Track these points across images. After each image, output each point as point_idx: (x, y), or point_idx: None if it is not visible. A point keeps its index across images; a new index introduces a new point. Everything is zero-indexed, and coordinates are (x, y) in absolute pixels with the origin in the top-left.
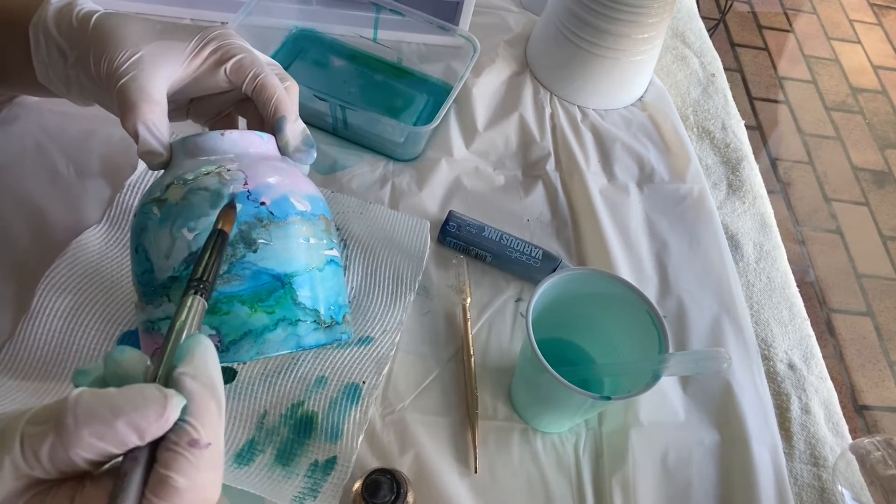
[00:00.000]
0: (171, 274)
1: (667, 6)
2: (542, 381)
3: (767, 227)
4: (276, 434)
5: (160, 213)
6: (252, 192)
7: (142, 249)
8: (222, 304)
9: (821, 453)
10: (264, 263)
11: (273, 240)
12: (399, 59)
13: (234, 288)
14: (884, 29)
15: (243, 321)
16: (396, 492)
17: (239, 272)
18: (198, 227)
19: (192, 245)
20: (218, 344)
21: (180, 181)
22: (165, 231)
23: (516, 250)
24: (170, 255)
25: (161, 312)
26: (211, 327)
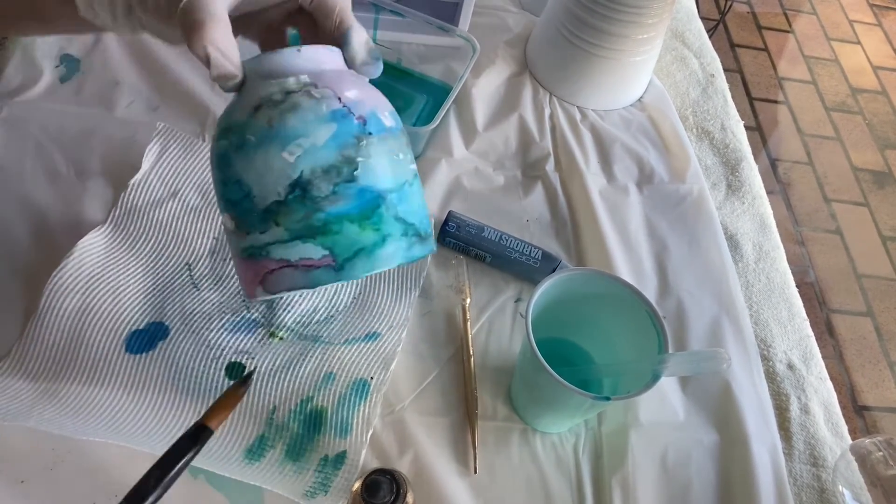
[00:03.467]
0: (275, 199)
1: (666, 7)
2: (541, 382)
3: (767, 228)
4: (285, 430)
5: (255, 138)
6: (349, 107)
7: (233, 178)
8: (332, 224)
9: (820, 454)
10: (366, 181)
11: (371, 156)
12: (399, 60)
13: (342, 207)
14: (883, 29)
15: (354, 239)
16: (396, 492)
17: (343, 192)
18: (298, 149)
19: (293, 169)
20: (332, 263)
21: (269, 103)
22: (262, 154)
23: (516, 251)
24: (270, 178)
25: (269, 237)
26: (324, 248)
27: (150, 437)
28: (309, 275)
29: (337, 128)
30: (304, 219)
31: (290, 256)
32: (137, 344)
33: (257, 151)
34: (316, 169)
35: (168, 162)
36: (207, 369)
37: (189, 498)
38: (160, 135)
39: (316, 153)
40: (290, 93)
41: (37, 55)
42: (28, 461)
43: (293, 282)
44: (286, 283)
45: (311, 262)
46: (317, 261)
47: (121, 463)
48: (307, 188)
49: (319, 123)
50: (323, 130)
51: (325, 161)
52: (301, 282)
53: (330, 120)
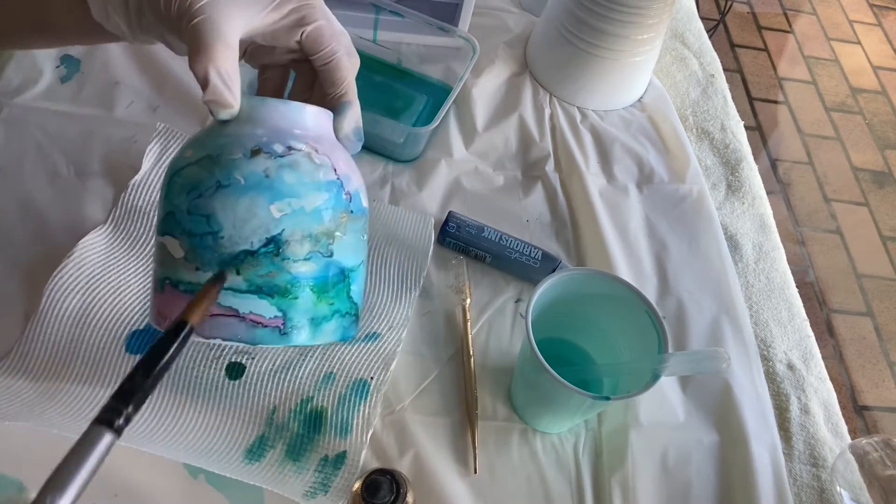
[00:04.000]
0: (245, 247)
1: (666, 7)
2: (541, 382)
3: (767, 228)
4: (286, 430)
5: (245, 182)
6: (342, 181)
7: (204, 211)
8: (295, 288)
9: (820, 454)
10: (337, 256)
11: (346, 234)
12: (399, 60)
13: (308, 275)
14: (883, 29)
15: (308, 308)
16: (396, 492)
17: (316, 260)
18: (287, 208)
19: (276, 225)
20: (281, 326)
21: (269, 152)
22: (247, 201)
23: (516, 251)
24: (248, 226)
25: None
26: (279, 309)
27: (149, 437)
28: (254, 331)
29: (327, 198)
30: (268, 276)
31: (239, 307)
32: (138, 344)
33: (243, 196)
34: (296, 232)
35: (169, 162)
36: (207, 369)
37: (189, 498)
38: (160, 135)
39: (302, 217)
40: (293, 149)
41: (37, 55)
42: (28, 461)
43: (234, 333)
44: (225, 331)
45: (261, 319)
46: (266, 320)
47: (121, 463)
48: (282, 247)
49: (314, 189)
50: (315, 197)
51: (307, 227)
52: (242, 335)
53: (324, 189)
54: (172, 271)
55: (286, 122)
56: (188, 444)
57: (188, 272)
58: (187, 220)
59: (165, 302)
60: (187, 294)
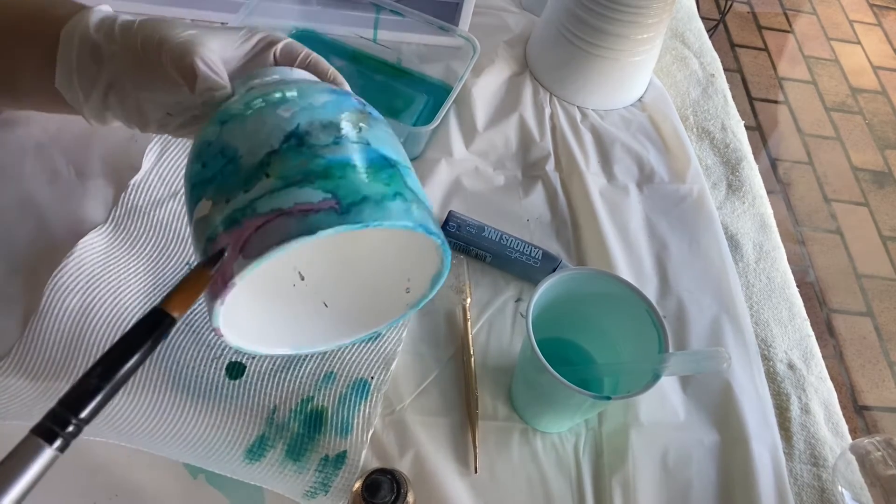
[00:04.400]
0: (267, 150)
1: (666, 7)
2: (542, 381)
3: (767, 228)
4: (286, 429)
5: (244, 108)
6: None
7: (215, 150)
8: (335, 168)
9: (820, 453)
10: (371, 142)
11: (372, 128)
12: (399, 60)
13: (345, 156)
14: (883, 29)
15: (359, 186)
16: (396, 492)
17: (346, 144)
18: (294, 106)
19: (289, 122)
20: (335, 206)
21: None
22: (253, 118)
23: (516, 250)
24: (261, 135)
25: (256, 192)
26: (324, 191)
27: (150, 437)
28: (307, 220)
29: (336, 98)
30: (300, 165)
31: (282, 204)
32: None
33: (247, 118)
34: (314, 122)
35: (168, 162)
36: (208, 369)
37: (189, 498)
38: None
39: (313, 110)
40: (286, 81)
41: None
42: None
43: (286, 231)
44: (277, 234)
45: (310, 206)
46: (316, 204)
47: (121, 463)
48: (304, 138)
49: (317, 93)
50: (321, 96)
51: (324, 117)
52: (296, 229)
53: (328, 92)
54: (208, 228)
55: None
56: (188, 444)
57: (219, 212)
58: (206, 169)
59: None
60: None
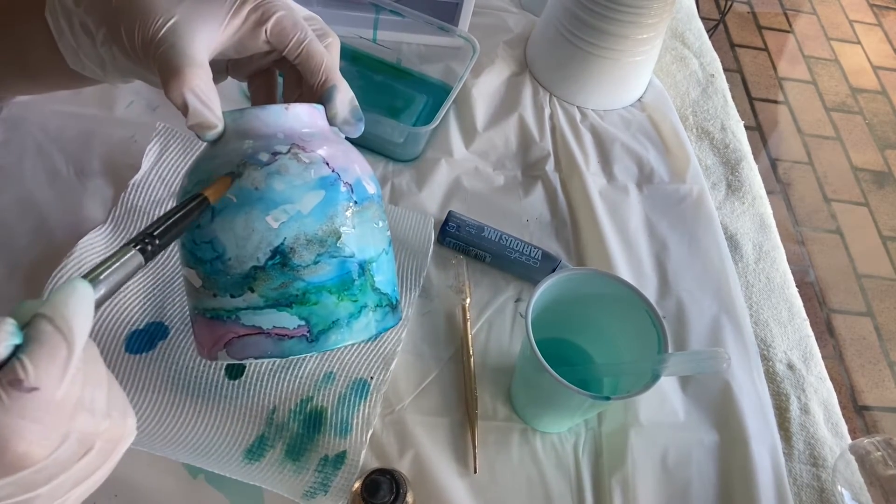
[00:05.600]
0: (253, 264)
1: (666, 7)
2: (541, 381)
3: (767, 228)
4: (285, 429)
5: (237, 199)
6: (338, 174)
7: (206, 237)
8: (311, 294)
9: (820, 453)
10: (349, 251)
11: (354, 226)
12: (399, 60)
13: (322, 278)
14: (883, 29)
15: (331, 311)
16: (396, 492)
17: (327, 261)
18: (283, 215)
19: (276, 236)
20: (307, 334)
21: (254, 162)
22: (243, 217)
23: (516, 250)
24: (250, 243)
25: (241, 302)
26: (300, 318)
27: (150, 437)
28: (281, 344)
29: (324, 196)
30: (281, 287)
31: (262, 324)
32: (137, 344)
33: (238, 213)
34: (300, 237)
35: (168, 162)
36: (207, 369)
37: (189, 498)
38: (160, 135)
39: (301, 220)
40: (277, 154)
41: None
42: None
43: (263, 350)
44: (255, 350)
45: (285, 331)
46: (291, 331)
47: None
48: (289, 256)
49: (307, 190)
50: (310, 198)
51: (309, 230)
52: (271, 351)
53: (318, 187)
54: (198, 301)
55: (269, 128)
56: (188, 444)
57: (208, 299)
58: (196, 249)
59: (200, 331)
60: (215, 321)
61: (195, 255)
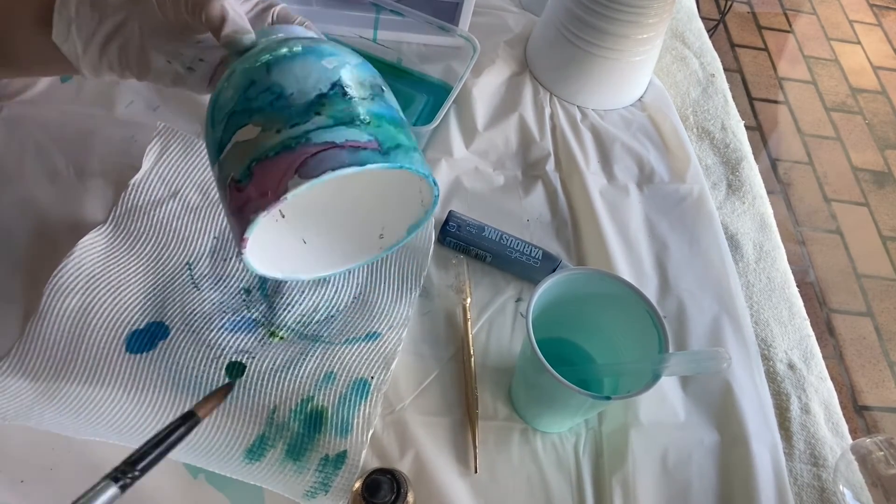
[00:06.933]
0: (317, 93)
1: (666, 7)
2: (542, 381)
3: (767, 228)
4: (286, 429)
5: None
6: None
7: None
8: (374, 118)
9: (821, 453)
10: (392, 102)
11: (389, 95)
12: (399, 60)
13: (380, 109)
14: (883, 29)
15: (392, 135)
16: (396, 492)
17: (379, 101)
18: (335, 61)
19: (333, 73)
20: (378, 148)
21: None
22: (299, 63)
23: (516, 250)
24: (310, 79)
25: (310, 125)
26: (369, 134)
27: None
28: (357, 154)
29: (362, 60)
30: (347, 110)
31: (335, 139)
32: (137, 344)
33: (294, 61)
34: (353, 78)
35: (168, 161)
36: (207, 369)
37: (189, 498)
38: (160, 134)
39: (351, 68)
40: (314, 38)
41: None
42: (28, 461)
43: (340, 160)
44: (332, 161)
45: (358, 143)
46: (363, 142)
47: None
48: (347, 89)
49: (349, 52)
50: (354, 57)
51: (359, 76)
52: (349, 159)
53: (357, 54)
54: (258, 149)
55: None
56: (188, 444)
57: (271, 138)
58: (253, 101)
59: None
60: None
61: (251, 107)
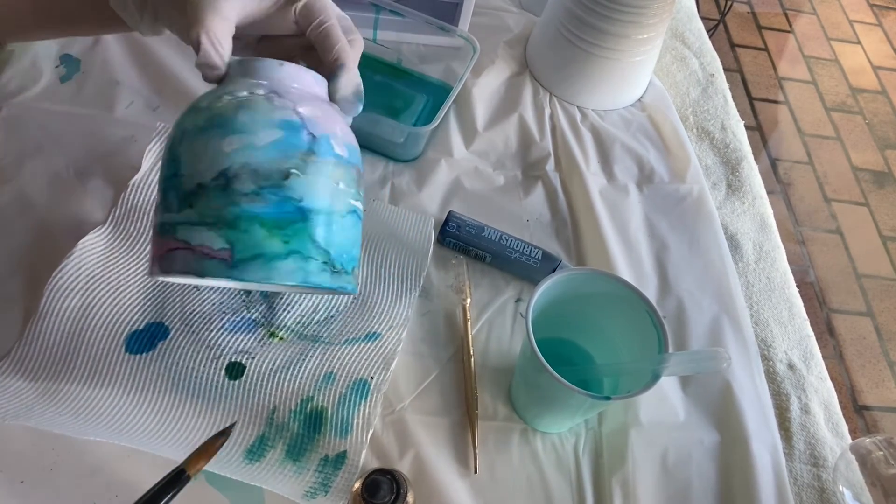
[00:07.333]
0: (199, 181)
1: (666, 7)
2: (541, 382)
3: (767, 228)
4: (286, 429)
5: (202, 122)
6: (304, 123)
7: (174, 154)
8: (242, 221)
9: (820, 453)
10: (292, 193)
11: (307, 173)
12: (399, 60)
13: (258, 209)
14: (883, 29)
15: (257, 242)
16: (396, 492)
17: (266, 195)
18: (237, 143)
19: (225, 159)
20: (228, 258)
21: (230, 95)
22: (203, 139)
23: (516, 251)
24: (202, 163)
25: (181, 217)
26: (226, 241)
27: (150, 437)
28: (202, 263)
29: (282, 136)
30: (217, 208)
31: (191, 239)
32: (137, 344)
33: (200, 136)
34: (247, 166)
35: None
36: (207, 369)
37: (189, 498)
38: (160, 135)
39: (252, 152)
40: (254, 94)
41: (37, 55)
42: (28, 461)
43: (185, 265)
44: (179, 264)
45: (209, 251)
46: (214, 251)
47: (121, 463)
48: (231, 181)
49: (266, 127)
50: (267, 133)
51: (258, 162)
52: (192, 267)
53: (278, 127)
54: (155, 216)
55: (258, 76)
56: (189, 444)
57: (160, 213)
58: (164, 167)
59: (152, 247)
60: (159, 235)
61: (160, 174)
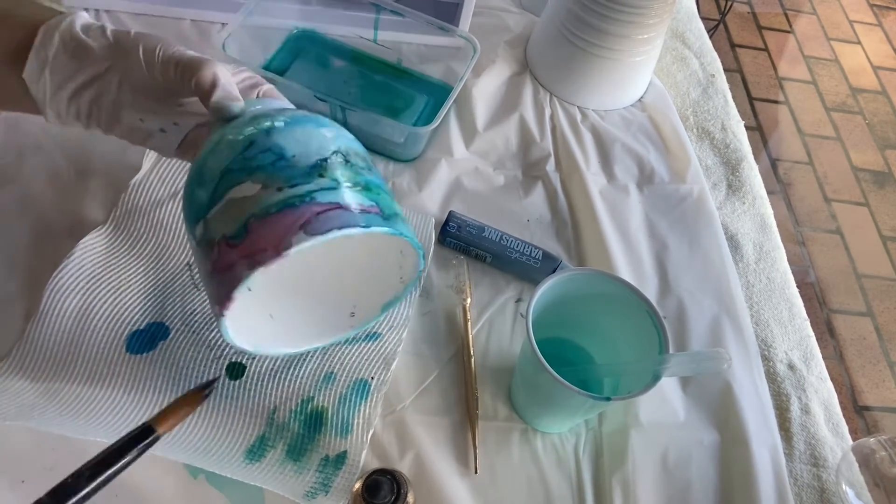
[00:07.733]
0: (319, 158)
1: (667, 7)
2: (542, 382)
3: (767, 228)
4: (286, 430)
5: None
6: None
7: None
8: (373, 186)
9: (821, 454)
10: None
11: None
12: (399, 60)
13: (376, 180)
14: (884, 29)
15: (390, 204)
16: (396, 492)
17: (374, 172)
18: (329, 133)
19: (332, 142)
20: (380, 213)
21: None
22: (299, 131)
23: (516, 251)
24: (310, 147)
25: (314, 186)
26: (372, 200)
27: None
28: (364, 216)
29: (351, 135)
30: (349, 175)
31: (339, 200)
32: (138, 344)
33: (294, 127)
34: (349, 149)
35: (169, 162)
36: (208, 369)
37: (189, 498)
38: None
39: (345, 140)
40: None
41: None
42: (28, 461)
43: (347, 221)
44: (338, 221)
45: (363, 206)
46: (367, 206)
47: None
48: (347, 157)
49: (338, 127)
50: (347, 131)
51: (354, 148)
52: (355, 221)
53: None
54: (258, 205)
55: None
56: (188, 444)
57: (272, 195)
58: (252, 161)
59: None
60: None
61: (250, 166)
